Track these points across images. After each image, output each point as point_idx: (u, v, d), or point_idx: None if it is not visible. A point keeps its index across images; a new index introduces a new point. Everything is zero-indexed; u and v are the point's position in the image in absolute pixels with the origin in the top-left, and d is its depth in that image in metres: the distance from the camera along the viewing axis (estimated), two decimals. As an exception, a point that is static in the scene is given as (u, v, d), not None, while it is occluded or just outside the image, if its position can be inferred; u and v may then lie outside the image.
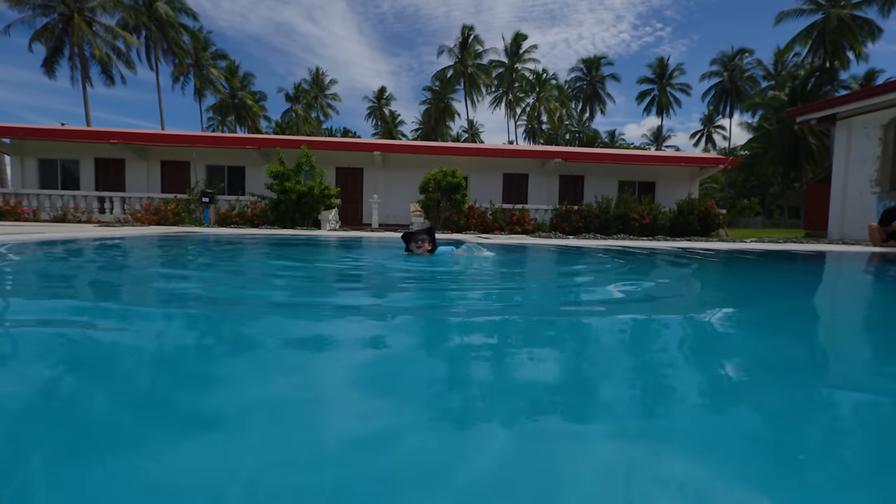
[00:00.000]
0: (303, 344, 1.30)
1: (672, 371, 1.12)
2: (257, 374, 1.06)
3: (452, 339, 1.41)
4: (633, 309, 1.97)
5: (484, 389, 0.96)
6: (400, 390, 0.96)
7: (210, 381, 1.02)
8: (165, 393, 0.93)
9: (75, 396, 0.94)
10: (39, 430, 0.77)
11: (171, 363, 1.16)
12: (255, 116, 46.55)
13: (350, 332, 1.44)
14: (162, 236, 7.50)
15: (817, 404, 0.94)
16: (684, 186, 18.58)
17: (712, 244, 8.23)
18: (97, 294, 2.33)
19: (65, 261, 3.85)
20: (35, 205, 14.14)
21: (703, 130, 54.25)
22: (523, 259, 4.75)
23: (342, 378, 1.04)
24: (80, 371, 1.11)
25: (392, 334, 1.44)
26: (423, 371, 1.09)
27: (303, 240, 7.42)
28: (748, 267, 4.34)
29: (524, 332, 1.49)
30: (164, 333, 1.45)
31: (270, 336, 1.42)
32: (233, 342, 1.38)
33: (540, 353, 1.24)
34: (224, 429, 0.76)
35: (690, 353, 1.30)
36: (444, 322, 1.66)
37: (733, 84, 46.42)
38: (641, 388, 0.99)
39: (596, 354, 1.28)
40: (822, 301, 2.70)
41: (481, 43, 44.29)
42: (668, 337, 1.49)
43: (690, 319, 1.75)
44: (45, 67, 30.73)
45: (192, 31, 38.36)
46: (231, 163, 17.44)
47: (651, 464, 0.66)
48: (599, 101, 52.73)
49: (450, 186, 12.95)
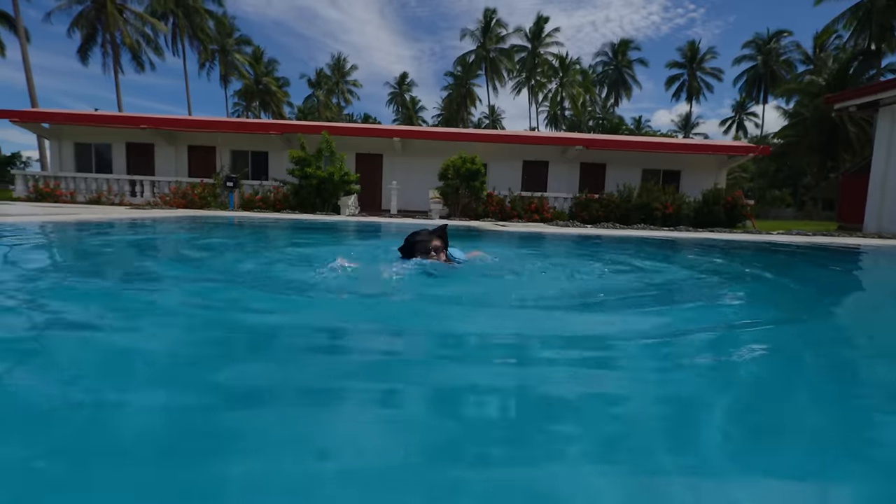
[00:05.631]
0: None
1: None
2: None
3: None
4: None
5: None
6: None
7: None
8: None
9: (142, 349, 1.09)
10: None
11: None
12: (278, 102, 47.08)
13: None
14: (191, 219, 7.79)
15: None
16: (711, 176, 18.07)
17: (735, 235, 8.06)
18: (148, 269, 2.52)
19: (118, 239, 4.10)
20: (72, 187, 14.77)
21: (734, 117, 52.25)
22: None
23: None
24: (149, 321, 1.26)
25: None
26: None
27: (319, 224, 7.59)
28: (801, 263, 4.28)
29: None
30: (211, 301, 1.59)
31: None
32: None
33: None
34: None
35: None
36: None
37: (768, 68, 44.41)
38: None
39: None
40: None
41: (504, 26, 43.51)
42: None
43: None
44: (79, 54, 31.74)
45: (217, 16, 38.86)
46: (255, 148, 17.78)
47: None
48: (625, 87, 51.26)
49: (469, 173, 12.94)
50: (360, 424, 0.81)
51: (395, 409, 0.89)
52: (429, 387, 1.00)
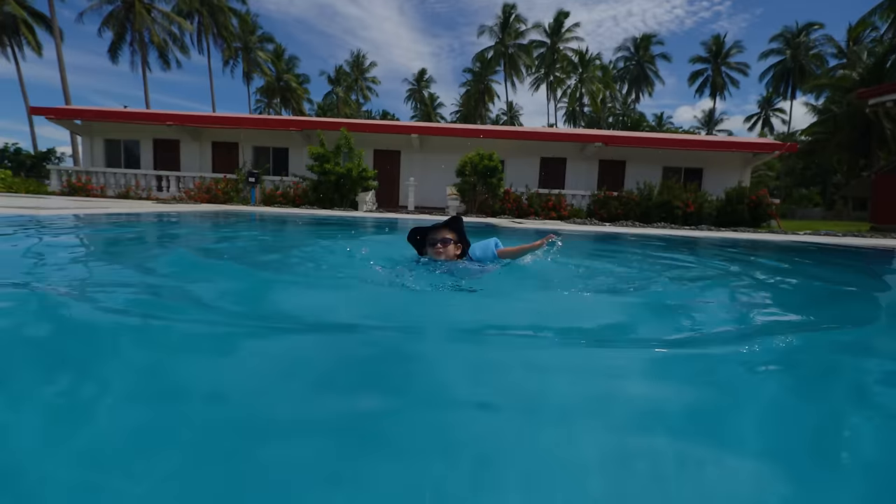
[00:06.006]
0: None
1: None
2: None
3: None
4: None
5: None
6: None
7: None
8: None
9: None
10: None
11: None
12: (298, 99, 47.71)
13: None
14: (214, 213, 8.02)
15: None
16: (735, 174, 17.66)
17: (759, 235, 7.91)
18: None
19: (152, 229, 4.30)
20: (102, 182, 15.32)
21: (760, 114, 50.75)
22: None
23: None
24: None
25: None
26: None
27: (336, 220, 7.74)
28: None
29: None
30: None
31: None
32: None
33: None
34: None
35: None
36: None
37: (796, 63, 42.95)
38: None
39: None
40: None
41: (523, 22, 43.14)
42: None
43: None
44: (110, 53, 32.76)
45: (240, 14, 39.57)
46: (276, 144, 18.11)
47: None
48: (647, 83, 50.28)
49: (486, 170, 12.96)
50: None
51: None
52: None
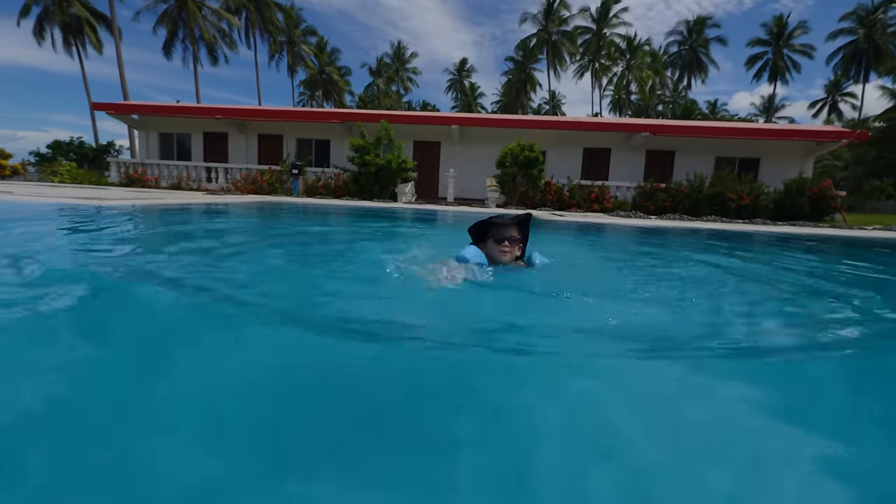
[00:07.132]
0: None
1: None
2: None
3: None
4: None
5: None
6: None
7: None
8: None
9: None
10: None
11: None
12: (340, 91, 48.52)
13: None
14: (259, 204, 8.28)
15: None
16: (795, 164, 16.42)
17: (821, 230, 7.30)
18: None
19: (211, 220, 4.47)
20: (157, 174, 16.19)
21: (827, 99, 46.95)
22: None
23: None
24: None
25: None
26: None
27: (376, 211, 7.78)
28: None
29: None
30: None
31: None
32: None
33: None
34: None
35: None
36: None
37: (871, 43, 39.27)
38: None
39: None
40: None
41: (568, 7, 41.72)
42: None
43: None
44: (164, 50, 34.49)
45: (285, 9, 40.55)
46: (318, 136, 18.49)
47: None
48: (700, 68, 47.50)
49: (527, 161, 12.68)
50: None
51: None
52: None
